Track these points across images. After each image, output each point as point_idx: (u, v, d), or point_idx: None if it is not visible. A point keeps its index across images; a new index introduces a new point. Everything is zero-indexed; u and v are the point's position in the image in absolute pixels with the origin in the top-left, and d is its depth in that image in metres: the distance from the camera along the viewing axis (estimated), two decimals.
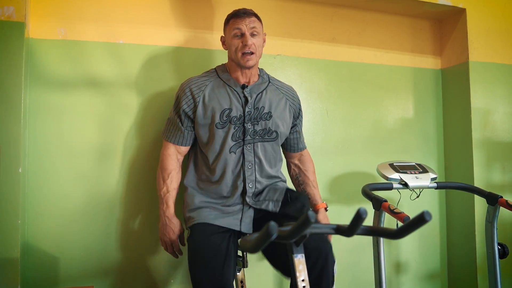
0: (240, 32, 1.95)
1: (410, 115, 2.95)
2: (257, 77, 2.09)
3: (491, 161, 2.83)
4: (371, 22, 2.87)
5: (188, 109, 1.99)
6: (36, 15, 2.15)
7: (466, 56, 2.83)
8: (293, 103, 2.13)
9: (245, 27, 1.95)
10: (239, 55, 1.95)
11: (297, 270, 1.29)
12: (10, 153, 1.92)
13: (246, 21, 1.95)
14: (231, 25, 1.98)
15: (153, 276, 2.28)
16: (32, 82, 2.12)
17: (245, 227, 1.95)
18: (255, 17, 2.00)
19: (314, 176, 2.26)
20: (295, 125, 2.18)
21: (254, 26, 1.96)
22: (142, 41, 2.32)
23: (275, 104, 2.06)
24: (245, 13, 1.97)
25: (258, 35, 1.98)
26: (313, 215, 1.04)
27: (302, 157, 2.26)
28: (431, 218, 1.07)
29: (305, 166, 2.24)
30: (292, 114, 2.13)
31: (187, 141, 2.04)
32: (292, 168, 2.27)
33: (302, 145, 2.25)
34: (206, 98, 1.98)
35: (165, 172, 2.03)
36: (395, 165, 2.32)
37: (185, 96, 1.99)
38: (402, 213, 1.89)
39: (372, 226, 1.65)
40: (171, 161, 2.04)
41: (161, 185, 2.02)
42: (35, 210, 2.11)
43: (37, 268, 2.10)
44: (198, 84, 2.00)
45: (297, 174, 2.25)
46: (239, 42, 1.95)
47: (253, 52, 1.95)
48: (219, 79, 2.03)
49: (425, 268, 2.92)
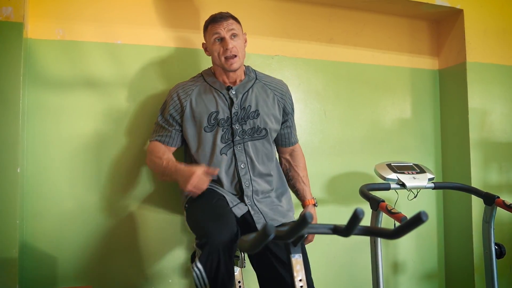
0: (220, 37, 1.96)
1: (408, 116, 2.96)
2: (244, 76, 2.09)
3: (488, 162, 2.84)
4: (369, 23, 2.88)
5: (176, 113, 2.01)
6: (34, 15, 2.15)
7: (463, 57, 2.84)
8: (281, 98, 2.13)
9: (223, 31, 1.95)
10: (222, 60, 1.97)
11: (294, 270, 1.30)
12: (8, 153, 1.92)
13: (223, 25, 1.96)
14: (210, 31, 1.99)
15: (152, 276, 2.29)
16: (30, 82, 2.12)
17: (235, 210, 1.92)
18: (233, 19, 2.01)
19: (305, 171, 2.26)
20: (286, 120, 2.18)
21: (232, 28, 1.97)
22: (140, 42, 2.32)
23: (262, 101, 2.06)
24: (221, 17, 1.98)
25: (238, 36, 1.99)
26: (310, 216, 1.04)
27: (294, 152, 2.26)
28: (427, 218, 1.08)
29: (295, 161, 2.25)
30: (281, 108, 2.12)
31: (174, 142, 2.05)
32: (283, 163, 2.27)
33: (294, 140, 2.25)
34: (193, 103, 2.00)
35: (157, 154, 1.98)
36: (392, 165, 2.33)
37: (172, 101, 2.01)
38: (399, 213, 1.89)
39: (370, 226, 1.66)
40: (161, 147, 2.02)
41: (159, 163, 1.95)
42: (34, 210, 2.11)
43: (35, 268, 2.10)
44: (185, 89, 2.03)
45: (287, 169, 2.25)
46: (220, 47, 1.97)
47: (236, 54, 1.96)
48: (205, 83, 2.05)
49: (422, 268, 2.93)
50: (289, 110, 2.18)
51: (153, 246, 2.29)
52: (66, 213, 2.16)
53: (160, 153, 1.99)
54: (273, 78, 2.20)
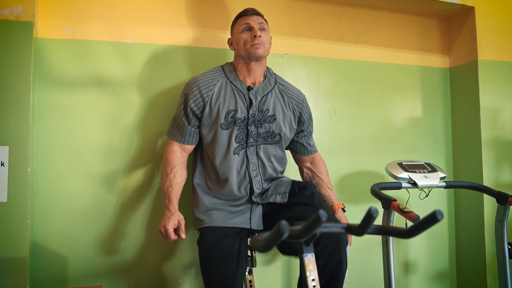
0: (249, 26, 2.00)
1: (418, 114, 2.94)
2: (264, 77, 2.08)
3: (500, 160, 2.81)
4: (378, 21, 2.86)
5: (196, 108, 1.98)
6: (44, 14, 2.15)
7: (474, 55, 2.81)
8: (297, 106, 2.12)
9: (253, 22, 2.01)
10: (248, 46, 1.98)
11: (307, 269, 1.28)
12: (19, 153, 1.93)
13: (254, 18, 2.03)
14: (240, 22, 2.03)
15: (162, 276, 2.28)
16: (40, 82, 2.13)
17: (255, 224, 1.96)
18: (262, 18, 2.07)
19: (328, 177, 2.25)
20: (303, 130, 2.17)
21: (261, 22, 2.03)
22: (150, 41, 2.32)
23: (280, 107, 2.06)
24: (253, 11, 2.06)
25: (266, 31, 2.03)
26: (324, 214, 1.03)
27: (314, 160, 2.25)
28: (442, 217, 1.06)
29: (317, 168, 2.24)
30: (296, 117, 2.12)
31: (192, 140, 2.04)
32: (305, 172, 2.26)
33: (313, 148, 2.25)
34: (213, 98, 1.98)
35: (168, 167, 2.01)
36: (403, 164, 2.31)
37: (193, 95, 1.99)
38: (412, 213, 1.88)
39: (383, 225, 1.64)
40: (175, 157, 2.03)
41: (164, 179, 2.00)
42: (44, 209, 2.11)
43: (46, 268, 2.10)
44: (206, 83, 2.00)
45: (310, 177, 2.24)
46: (248, 35, 1.99)
47: (262, 44, 1.98)
48: (226, 79, 2.03)
49: (433, 268, 2.91)
50: (306, 119, 2.17)
51: (163, 245, 2.28)
52: (77, 212, 2.17)
53: (170, 166, 2.01)
54: (291, 85, 2.19)
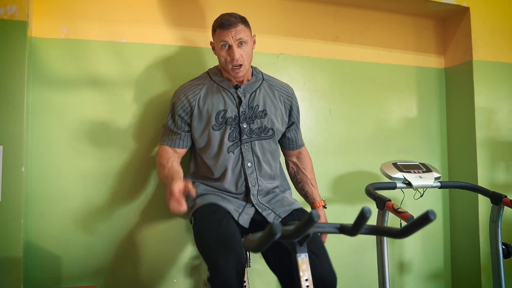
0: (227, 44, 1.91)
1: (414, 114, 2.94)
2: (251, 76, 2.08)
3: (495, 161, 2.82)
4: (374, 21, 2.86)
5: (184, 113, 1.99)
6: (38, 14, 2.14)
7: (469, 55, 2.82)
8: (287, 99, 2.12)
9: (231, 40, 1.89)
10: (229, 67, 1.94)
11: (300, 269, 1.28)
12: (12, 152, 1.92)
13: (232, 33, 1.89)
14: (218, 36, 1.93)
15: (157, 275, 2.28)
16: (35, 81, 2.12)
17: (242, 221, 1.94)
18: (241, 24, 1.92)
19: (313, 174, 2.25)
20: (293, 123, 2.17)
21: (240, 36, 1.90)
22: (145, 40, 2.31)
23: (270, 101, 2.06)
24: (229, 24, 1.89)
25: (246, 43, 1.93)
26: (317, 215, 1.03)
27: (300, 154, 2.25)
28: (435, 217, 1.07)
29: (303, 164, 2.24)
30: (287, 110, 2.13)
31: (183, 143, 2.04)
32: (290, 166, 2.26)
33: (300, 142, 2.24)
34: (201, 102, 1.98)
35: (163, 159, 1.97)
36: (398, 164, 2.32)
37: (180, 102, 1.99)
38: (406, 213, 1.88)
39: (376, 225, 1.64)
40: (169, 154, 2.01)
41: (162, 169, 1.93)
42: (38, 209, 2.11)
43: (40, 267, 2.10)
44: (192, 89, 2.01)
45: (295, 172, 2.24)
46: (227, 54, 1.92)
47: (241, 64, 1.92)
48: (212, 82, 2.04)
49: (428, 268, 2.91)
50: (295, 113, 2.17)
51: (157, 245, 2.28)
52: (71, 212, 2.16)
53: (165, 159, 1.97)
54: (279, 80, 2.19)
